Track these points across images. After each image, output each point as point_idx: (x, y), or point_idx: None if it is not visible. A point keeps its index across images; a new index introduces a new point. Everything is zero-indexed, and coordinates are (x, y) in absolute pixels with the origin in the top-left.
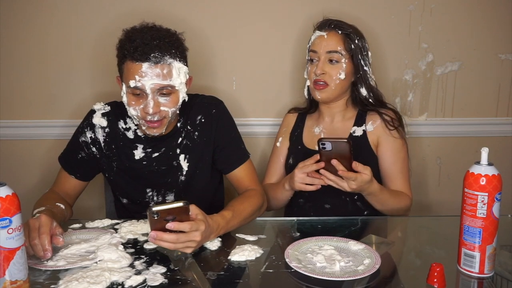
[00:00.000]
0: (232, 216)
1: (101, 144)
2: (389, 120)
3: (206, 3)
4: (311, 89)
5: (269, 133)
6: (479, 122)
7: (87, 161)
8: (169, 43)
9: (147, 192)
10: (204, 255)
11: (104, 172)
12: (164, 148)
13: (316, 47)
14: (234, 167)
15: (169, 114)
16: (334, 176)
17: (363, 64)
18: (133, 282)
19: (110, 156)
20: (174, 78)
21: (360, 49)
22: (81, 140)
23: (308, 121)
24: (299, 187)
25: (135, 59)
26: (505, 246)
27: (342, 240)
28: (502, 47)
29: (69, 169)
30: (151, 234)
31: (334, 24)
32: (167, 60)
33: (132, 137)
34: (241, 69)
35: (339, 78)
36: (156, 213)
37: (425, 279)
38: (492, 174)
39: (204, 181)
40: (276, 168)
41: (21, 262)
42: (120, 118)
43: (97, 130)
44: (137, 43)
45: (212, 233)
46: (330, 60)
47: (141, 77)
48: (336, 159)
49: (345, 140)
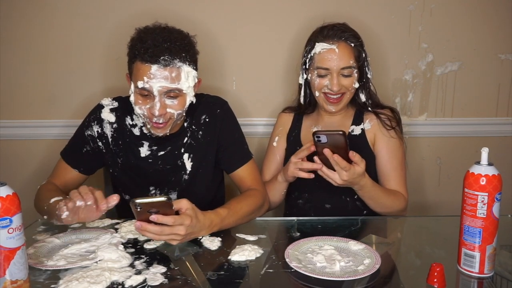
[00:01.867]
0: (228, 214)
1: (109, 140)
2: (386, 120)
3: (207, 3)
4: (321, 99)
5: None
6: (479, 122)
7: (92, 155)
8: (180, 46)
9: (150, 190)
10: (204, 255)
11: (108, 167)
12: (170, 147)
13: (327, 64)
14: (237, 166)
15: (174, 116)
16: (326, 168)
17: (367, 72)
18: (133, 282)
19: (117, 152)
20: (182, 82)
21: (365, 56)
22: (87, 134)
23: (306, 121)
24: (292, 172)
25: (144, 60)
26: (505, 246)
27: (342, 240)
28: (502, 47)
29: (73, 163)
30: (136, 224)
31: (341, 33)
32: (176, 63)
33: (138, 134)
34: (241, 69)
35: (354, 87)
36: (139, 205)
37: (425, 279)
38: (492, 174)
39: (206, 181)
40: (272, 166)
41: (22, 262)
42: (127, 114)
43: (105, 125)
44: (148, 44)
45: (203, 229)
46: (342, 75)
47: (149, 79)
48: (332, 152)
49: (340, 132)
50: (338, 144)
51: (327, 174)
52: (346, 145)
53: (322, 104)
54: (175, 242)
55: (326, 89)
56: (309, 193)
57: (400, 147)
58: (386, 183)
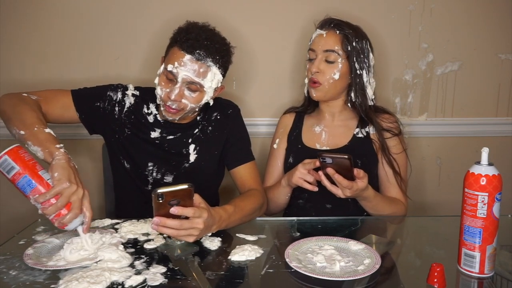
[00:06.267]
0: (234, 210)
1: (124, 109)
2: (386, 128)
3: (207, 3)
4: (308, 87)
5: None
6: (479, 122)
7: (101, 112)
8: (217, 48)
9: (149, 166)
10: (204, 255)
11: (114, 133)
12: (180, 133)
13: (314, 46)
14: (240, 163)
15: (187, 107)
16: (329, 183)
17: (357, 67)
18: (133, 282)
19: (126, 123)
20: (207, 80)
21: (358, 51)
22: (108, 93)
23: (307, 121)
24: (296, 181)
25: (182, 48)
26: (505, 246)
27: (342, 240)
28: (502, 47)
29: (79, 105)
30: (155, 219)
31: (334, 23)
32: (208, 61)
33: (152, 121)
34: (241, 69)
35: (333, 78)
36: (161, 196)
37: (425, 279)
38: (492, 174)
39: (206, 175)
40: (274, 171)
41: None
42: (144, 104)
43: (127, 98)
44: (191, 36)
45: (214, 224)
46: (326, 60)
47: (179, 65)
48: (336, 170)
49: (346, 157)
50: (343, 166)
51: (330, 189)
52: (351, 167)
53: (309, 91)
54: (192, 239)
55: (310, 75)
56: (309, 193)
57: (402, 154)
58: (386, 190)
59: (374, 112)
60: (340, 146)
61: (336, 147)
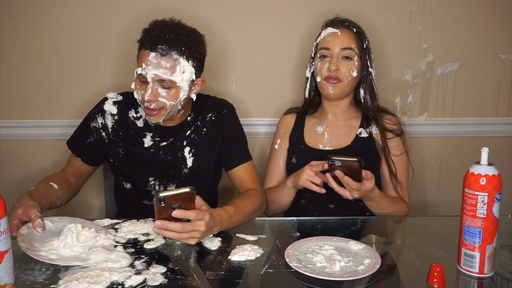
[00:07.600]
0: (234, 211)
1: (109, 130)
2: (389, 129)
3: (207, 3)
4: (322, 84)
5: (271, 132)
6: (479, 122)
7: (95, 146)
8: (182, 40)
9: (150, 180)
10: (204, 255)
11: (109, 157)
12: (172, 138)
13: (329, 44)
14: (237, 164)
15: (167, 105)
16: (337, 185)
17: (369, 65)
18: (133, 282)
19: (117, 142)
20: (176, 75)
21: (368, 49)
22: (91, 125)
23: (309, 121)
24: (304, 183)
25: (146, 48)
26: (505, 246)
27: (342, 240)
28: (502, 47)
29: (76, 152)
30: (157, 223)
31: (348, 22)
32: (173, 55)
33: (142, 125)
34: (242, 69)
35: (352, 75)
36: (163, 199)
37: (425, 279)
38: (492, 174)
39: (206, 178)
40: (276, 172)
41: (9, 266)
42: (131, 108)
43: (107, 116)
44: (153, 34)
45: (215, 226)
46: (343, 57)
47: (146, 66)
48: (345, 172)
49: (355, 159)
50: (352, 168)
51: (338, 191)
52: (360, 169)
53: (323, 90)
54: (194, 241)
55: (328, 72)
56: (312, 193)
57: (404, 155)
58: (389, 190)
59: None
60: (343, 146)
61: (339, 148)
